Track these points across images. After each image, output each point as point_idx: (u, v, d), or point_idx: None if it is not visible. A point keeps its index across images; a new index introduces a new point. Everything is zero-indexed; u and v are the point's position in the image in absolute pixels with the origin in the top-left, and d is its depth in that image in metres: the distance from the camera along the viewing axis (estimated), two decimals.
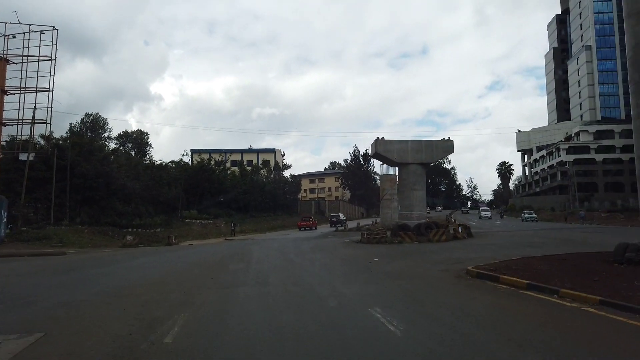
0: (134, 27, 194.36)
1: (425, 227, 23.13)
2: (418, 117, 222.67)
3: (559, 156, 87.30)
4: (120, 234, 37.09)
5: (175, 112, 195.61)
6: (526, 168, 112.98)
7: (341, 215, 58.68)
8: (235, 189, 63.20)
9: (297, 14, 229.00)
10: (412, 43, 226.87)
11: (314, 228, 51.93)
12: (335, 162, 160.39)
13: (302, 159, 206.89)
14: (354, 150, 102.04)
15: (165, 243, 30.91)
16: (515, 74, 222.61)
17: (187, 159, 66.54)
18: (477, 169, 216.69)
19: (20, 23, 30.09)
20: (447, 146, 25.74)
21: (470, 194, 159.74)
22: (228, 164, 79.14)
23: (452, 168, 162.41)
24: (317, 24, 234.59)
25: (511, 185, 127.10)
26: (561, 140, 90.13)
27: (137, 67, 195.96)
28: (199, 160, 62.35)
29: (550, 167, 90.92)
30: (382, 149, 25.33)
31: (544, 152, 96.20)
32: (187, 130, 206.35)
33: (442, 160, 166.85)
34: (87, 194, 35.57)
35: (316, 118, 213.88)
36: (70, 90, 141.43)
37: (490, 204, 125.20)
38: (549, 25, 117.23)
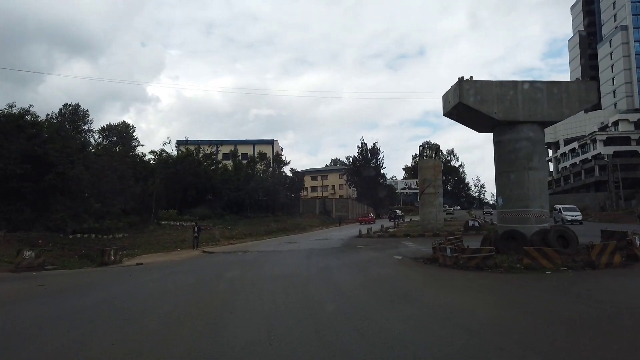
0: (131, 29, 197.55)
1: (561, 237, 13.12)
2: (415, 118, 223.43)
3: (594, 148, 77.27)
4: (61, 241, 26.78)
5: (172, 113, 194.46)
6: (550, 163, 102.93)
7: (398, 212, 64.92)
8: (227, 185, 52.82)
9: (294, 16, 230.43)
10: (409, 45, 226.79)
11: (372, 223, 53.27)
12: (337, 159, 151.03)
13: (299, 160, 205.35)
14: (361, 143, 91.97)
15: (97, 263, 20.04)
16: (513, 75, 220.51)
17: (170, 149, 55.83)
18: (473, 169, 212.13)
19: None
20: (585, 91, 14.57)
21: (477, 194, 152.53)
22: (220, 157, 68.84)
23: (461, 165, 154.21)
24: (314, 26, 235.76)
25: None
26: (596, 131, 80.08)
27: (134, 68, 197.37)
28: (185, 150, 51.77)
29: (584, 161, 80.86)
30: (472, 97, 14.09)
31: (575, 145, 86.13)
32: (183, 131, 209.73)
33: (449, 157, 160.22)
34: (9, 185, 25.13)
35: (313, 119, 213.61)
36: (67, 92, 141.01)
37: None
38: (572, 8, 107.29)
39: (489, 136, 15.96)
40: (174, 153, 54.85)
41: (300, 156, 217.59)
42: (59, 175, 26.18)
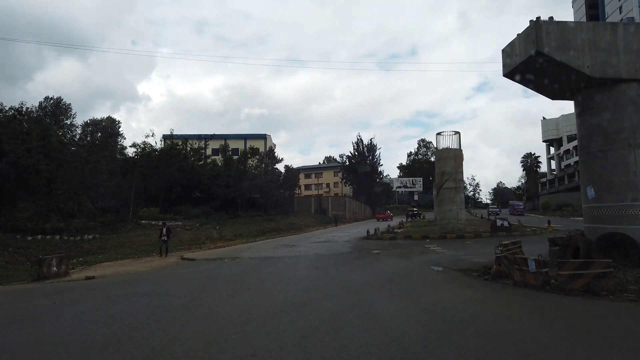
0: (122, 27, 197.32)
1: None
2: (406, 117, 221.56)
3: None
4: (17, 244, 22.50)
5: (162, 112, 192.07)
6: (552, 161, 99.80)
7: (415, 209, 67.22)
8: (216, 182, 48.61)
9: (287, 16, 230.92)
10: (400, 45, 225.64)
11: (390, 220, 55.06)
12: (330, 156, 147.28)
13: (292, 160, 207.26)
14: (357, 139, 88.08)
15: (34, 276, 15.33)
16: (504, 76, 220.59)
17: (154, 142, 51.23)
18: (465, 169, 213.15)
19: None
20: None
21: (472, 193, 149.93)
22: (209, 152, 64.53)
23: None
24: (307, 25, 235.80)
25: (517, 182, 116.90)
26: None
27: (125, 67, 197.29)
28: (170, 143, 47.27)
29: None
30: (554, 42, 10.22)
31: None
32: (175, 130, 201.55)
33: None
34: None
35: (305, 119, 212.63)
36: (57, 90, 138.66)
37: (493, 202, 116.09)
38: (574, 1, 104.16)
39: (484, 135, 12.20)
40: (160, 146, 50.38)
41: (293, 155, 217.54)
42: (11, 164, 21.87)
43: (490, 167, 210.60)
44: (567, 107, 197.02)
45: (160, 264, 17.05)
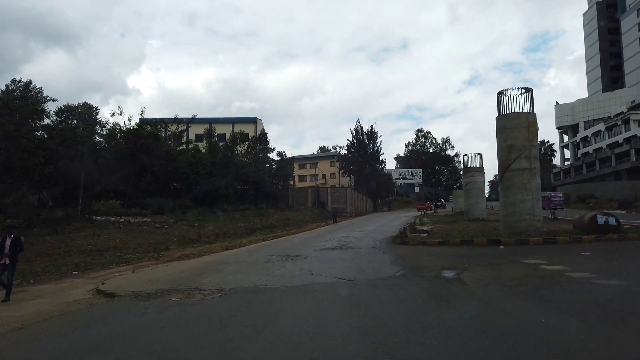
0: (110, 19, 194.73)
1: None
2: (398, 111, 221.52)
3: (627, 130, 67.17)
4: None
5: (153, 105, 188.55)
6: (565, 149, 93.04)
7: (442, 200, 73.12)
8: (196, 170, 40.86)
9: (277, 8, 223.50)
10: (392, 38, 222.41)
11: (429, 210, 57.40)
12: (325, 147, 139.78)
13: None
14: (357, 126, 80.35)
15: None
16: (493, 70, 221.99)
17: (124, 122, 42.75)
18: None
19: None
20: None
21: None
22: (191, 137, 56.67)
23: (456, 155, 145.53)
24: (298, 18, 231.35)
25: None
26: (624, 112, 69.93)
27: (114, 60, 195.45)
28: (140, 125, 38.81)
29: (613, 145, 70.78)
30: None
31: (600, 127, 75.93)
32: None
33: (444, 146, 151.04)
34: None
35: (296, 112, 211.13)
36: (45, 84, 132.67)
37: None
38: None
39: (474, 128, 5.51)
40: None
41: (285, 149, 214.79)
42: None
43: (484, 161, 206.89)
44: (569, 95, 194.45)
45: (49, 310, 8.36)
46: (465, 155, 32.67)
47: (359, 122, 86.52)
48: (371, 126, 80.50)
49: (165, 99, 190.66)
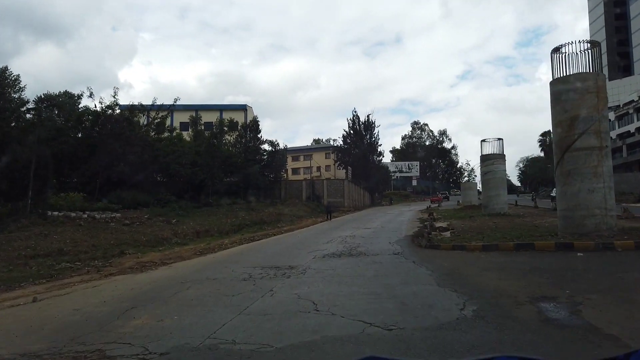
0: (101, 12, 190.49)
1: None
2: (392, 105, 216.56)
3: (639, 119, 63.53)
4: None
5: (146, 99, 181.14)
6: None
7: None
8: (178, 160, 36.50)
9: (271, 1, 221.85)
10: (386, 32, 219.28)
11: (437, 203, 57.32)
12: (318, 139, 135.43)
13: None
14: (353, 115, 76.04)
15: None
16: (486, 64, 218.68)
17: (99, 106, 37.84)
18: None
19: None
20: None
21: (467, 179, 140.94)
22: (176, 125, 52.18)
23: (453, 147, 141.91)
24: (292, 11, 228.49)
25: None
26: (635, 100, 66.24)
27: (105, 53, 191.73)
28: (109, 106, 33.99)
29: (623, 135, 67.11)
30: None
31: (610, 116, 72.17)
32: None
33: (441, 139, 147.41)
34: None
35: (290, 106, 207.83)
36: (35, 77, 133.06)
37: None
38: None
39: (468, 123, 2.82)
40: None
41: (278, 141, 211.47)
42: None
43: (476, 154, 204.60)
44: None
45: None
46: (484, 140, 28.48)
47: (355, 112, 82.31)
48: (368, 116, 76.29)
49: (157, 92, 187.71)
